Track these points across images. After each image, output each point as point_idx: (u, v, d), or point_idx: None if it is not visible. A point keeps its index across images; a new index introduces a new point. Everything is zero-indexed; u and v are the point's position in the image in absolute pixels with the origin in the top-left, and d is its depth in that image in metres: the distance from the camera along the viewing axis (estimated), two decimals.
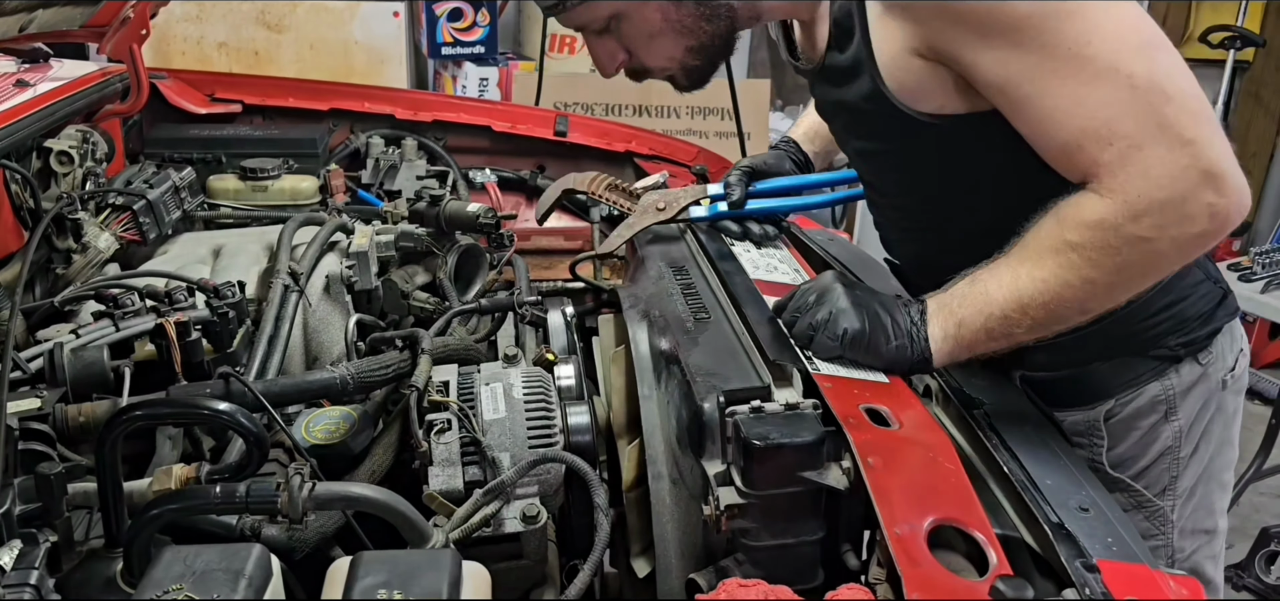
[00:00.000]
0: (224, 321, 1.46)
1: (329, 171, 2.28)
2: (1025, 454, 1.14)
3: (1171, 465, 1.41)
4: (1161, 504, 1.42)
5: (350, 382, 1.34)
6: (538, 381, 1.29)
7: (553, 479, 1.23)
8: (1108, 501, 1.08)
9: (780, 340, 1.30)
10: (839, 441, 1.10)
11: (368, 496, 1.10)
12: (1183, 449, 1.41)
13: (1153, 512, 1.42)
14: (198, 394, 1.30)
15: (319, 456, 1.28)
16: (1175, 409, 1.39)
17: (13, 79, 2.04)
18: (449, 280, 1.84)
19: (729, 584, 0.98)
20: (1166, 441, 1.40)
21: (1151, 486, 1.42)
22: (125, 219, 1.87)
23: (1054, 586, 0.96)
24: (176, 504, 1.07)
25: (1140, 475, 1.42)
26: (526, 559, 1.22)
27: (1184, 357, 1.38)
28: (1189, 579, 0.96)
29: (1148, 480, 1.42)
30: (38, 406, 1.26)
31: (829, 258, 1.76)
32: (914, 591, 0.88)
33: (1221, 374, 1.41)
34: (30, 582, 0.96)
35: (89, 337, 1.41)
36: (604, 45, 1.35)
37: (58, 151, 1.94)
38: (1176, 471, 1.42)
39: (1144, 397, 1.38)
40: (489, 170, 2.50)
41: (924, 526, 0.96)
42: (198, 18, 3.93)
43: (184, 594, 0.84)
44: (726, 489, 1.10)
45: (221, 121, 2.48)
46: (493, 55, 4.18)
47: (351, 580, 0.87)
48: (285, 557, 1.12)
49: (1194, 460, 1.42)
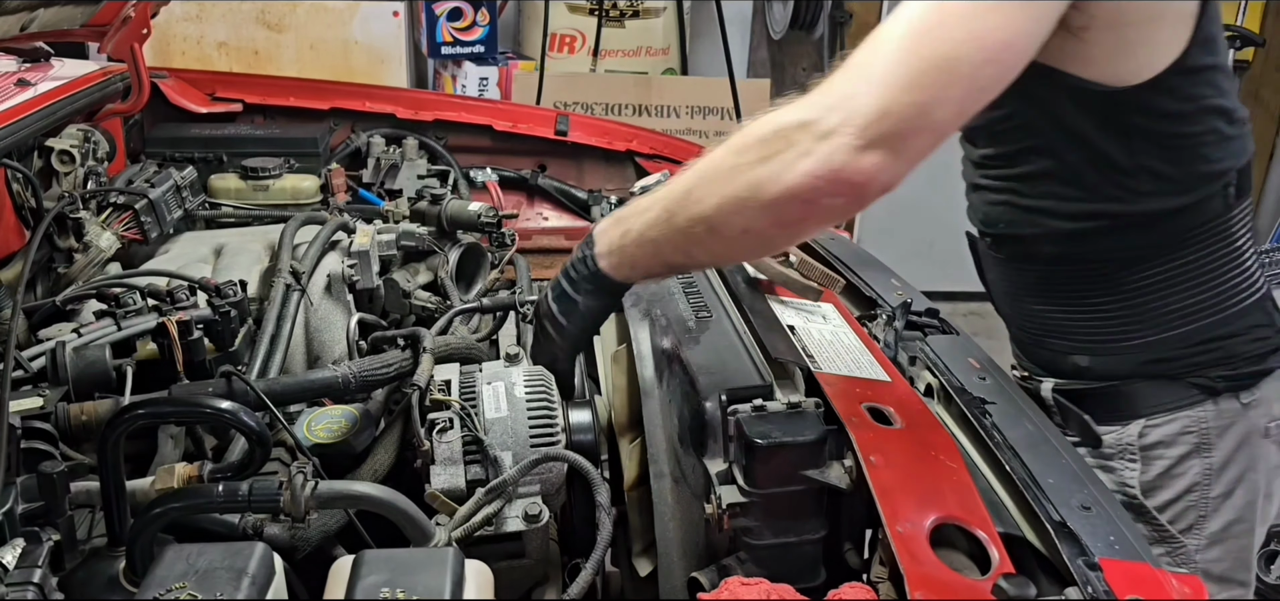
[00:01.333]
0: (226, 320, 1.46)
1: (330, 171, 2.29)
2: (1027, 452, 1.15)
3: (1199, 503, 1.37)
4: (1185, 542, 1.38)
5: (352, 381, 1.34)
6: (540, 380, 1.29)
7: (555, 478, 1.23)
8: (1110, 500, 1.08)
9: (782, 339, 1.30)
10: (841, 440, 1.10)
11: (370, 495, 1.10)
12: (1214, 488, 1.36)
13: (1175, 549, 1.39)
14: (200, 393, 1.30)
15: (321, 455, 1.28)
16: (1209, 445, 1.35)
17: (14, 78, 2.05)
18: (450, 279, 1.84)
19: (731, 582, 0.98)
20: (1194, 477, 1.36)
21: (1176, 521, 1.38)
22: (127, 218, 1.88)
23: (1056, 585, 0.96)
24: (179, 502, 1.07)
25: (1165, 507, 1.38)
26: (528, 557, 1.22)
27: (1223, 391, 1.34)
28: (1191, 577, 0.96)
29: (1172, 514, 1.38)
30: (40, 405, 1.26)
31: (830, 256, 1.76)
32: (916, 590, 0.88)
33: (1265, 421, 1.36)
34: (33, 581, 0.96)
35: (91, 336, 1.41)
36: None
37: (59, 151, 1.94)
38: (1205, 510, 1.37)
39: (1175, 425, 1.35)
40: (490, 169, 2.51)
41: (926, 524, 0.96)
42: (198, 17, 3.93)
43: (187, 592, 0.84)
44: (728, 487, 1.10)
45: (222, 121, 2.48)
46: (493, 55, 4.18)
47: (354, 579, 0.87)
48: (288, 556, 1.12)
49: (1227, 505, 1.37)
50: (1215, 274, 1.31)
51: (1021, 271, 1.43)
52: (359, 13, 4.03)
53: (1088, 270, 1.34)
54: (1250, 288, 1.33)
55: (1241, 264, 1.32)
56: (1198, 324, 1.31)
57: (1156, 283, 1.30)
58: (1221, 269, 1.31)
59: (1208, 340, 1.33)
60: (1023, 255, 1.43)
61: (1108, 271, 1.32)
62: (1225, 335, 1.33)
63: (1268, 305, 1.36)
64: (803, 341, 1.35)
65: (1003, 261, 1.48)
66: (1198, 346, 1.33)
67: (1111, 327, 1.34)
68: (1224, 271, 1.31)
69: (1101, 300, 1.33)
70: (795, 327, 1.39)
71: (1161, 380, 1.35)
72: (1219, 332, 1.32)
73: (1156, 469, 1.37)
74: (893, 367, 1.33)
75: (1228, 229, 1.30)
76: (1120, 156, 1.26)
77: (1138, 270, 1.30)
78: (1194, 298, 1.31)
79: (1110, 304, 1.33)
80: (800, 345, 1.33)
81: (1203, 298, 1.31)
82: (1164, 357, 1.33)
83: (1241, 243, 1.32)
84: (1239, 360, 1.34)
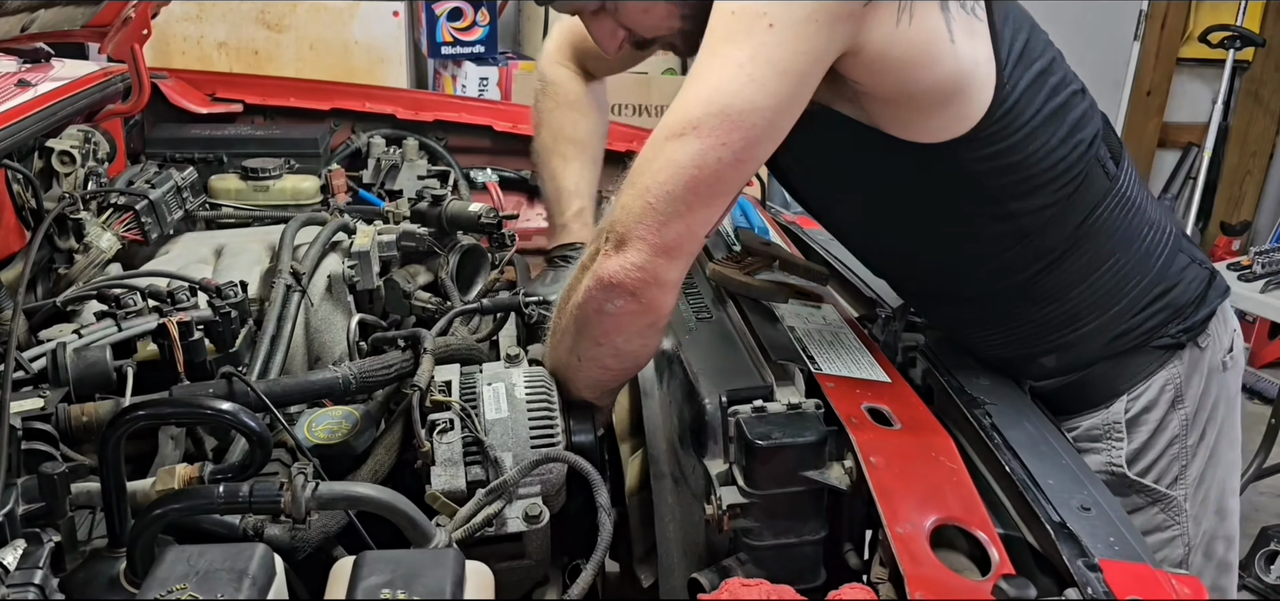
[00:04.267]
0: (226, 321, 1.46)
1: (330, 171, 2.28)
2: (1027, 453, 1.15)
3: (1181, 453, 1.41)
4: (1174, 494, 1.42)
5: (352, 382, 1.34)
6: (540, 381, 1.29)
7: (555, 478, 1.23)
8: (1110, 500, 1.09)
9: (783, 340, 1.30)
10: (841, 441, 1.11)
11: (370, 496, 1.10)
12: (1190, 435, 1.41)
13: (1167, 504, 1.42)
14: (200, 393, 1.30)
15: (321, 456, 1.28)
16: (1182, 396, 1.39)
17: (14, 79, 2.04)
18: (451, 280, 1.84)
19: (731, 583, 0.98)
20: (1175, 429, 1.40)
21: (1163, 478, 1.42)
22: (127, 219, 1.87)
23: (1056, 585, 0.96)
24: (180, 503, 1.07)
25: (1151, 467, 1.41)
26: (529, 558, 1.22)
27: (1186, 344, 1.38)
28: (1191, 578, 0.96)
29: (1158, 472, 1.42)
30: (41, 406, 1.26)
31: (830, 257, 1.76)
32: (916, 590, 0.89)
33: (1220, 355, 1.42)
34: (34, 582, 0.96)
35: (92, 337, 1.41)
36: (602, 24, 1.35)
37: (59, 151, 1.94)
38: (1186, 459, 1.42)
39: (1153, 388, 1.39)
40: (490, 170, 2.51)
41: (926, 525, 0.97)
42: (198, 17, 3.93)
43: (187, 593, 0.84)
44: (729, 488, 1.11)
45: (223, 121, 2.48)
46: (493, 55, 4.18)
47: (355, 579, 0.88)
48: (288, 557, 1.12)
49: (1202, 446, 1.43)
50: (1129, 239, 1.33)
51: (959, 313, 1.44)
52: (359, 13, 4.03)
53: (1015, 291, 1.35)
54: (1163, 236, 1.37)
55: (1146, 217, 1.35)
56: (1134, 291, 1.34)
57: (1081, 270, 1.32)
58: (1132, 231, 1.34)
59: (1151, 302, 1.36)
60: (951, 302, 1.44)
61: (1033, 284, 1.33)
62: (1163, 290, 1.36)
63: (1182, 242, 1.40)
64: (803, 342, 1.35)
65: (936, 313, 1.50)
66: (1145, 311, 1.36)
67: (1062, 327, 1.36)
68: (1136, 232, 1.34)
69: (1041, 309, 1.35)
70: (795, 328, 1.40)
71: (1127, 354, 1.38)
72: (1157, 289, 1.36)
73: (1142, 435, 1.40)
74: (893, 368, 1.33)
75: (1122, 194, 1.32)
76: (971, 198, 1.27)
77: (1059, 269, 1.32)
78: (1121, 269, 1.33)
79: (1050, 309, 1.35)
80: (800, 346, 1.33)
81: (1127, 265, 1.34)
82: (1120, 333, 1.36)
83: (1138, 200, 1.35)
84: (1187, 308, 1.38)
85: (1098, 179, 1.30)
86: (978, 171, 1.22)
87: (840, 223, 1.51)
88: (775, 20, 1.05)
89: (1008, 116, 1.20)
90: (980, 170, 1.22)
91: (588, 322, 1.20)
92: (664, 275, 1.14)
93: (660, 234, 1.11)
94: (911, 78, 1.14)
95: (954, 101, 1.17)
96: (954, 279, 1.39)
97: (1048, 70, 1.24)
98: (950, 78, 1.15)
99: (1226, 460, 1.48)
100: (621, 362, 1.25)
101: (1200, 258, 1.44)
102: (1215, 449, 1.45)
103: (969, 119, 1.18)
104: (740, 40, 1.06)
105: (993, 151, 1.21)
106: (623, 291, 1.14)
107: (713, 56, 1.08)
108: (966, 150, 1.20)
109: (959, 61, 1.14)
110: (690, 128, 1.08)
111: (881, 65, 1.12)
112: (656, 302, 1.16)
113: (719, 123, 1.06)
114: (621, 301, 1.15)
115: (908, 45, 1.11)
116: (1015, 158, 1.22)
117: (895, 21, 1.09)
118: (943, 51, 1.13)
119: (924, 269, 1.44)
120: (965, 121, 1.18)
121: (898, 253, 1.45)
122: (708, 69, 1.08)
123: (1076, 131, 1.26)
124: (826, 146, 1.27)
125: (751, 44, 1.05)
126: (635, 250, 1.12)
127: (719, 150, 1.07)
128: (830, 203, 1.47)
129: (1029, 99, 1.21)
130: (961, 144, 1.19)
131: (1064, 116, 1.25)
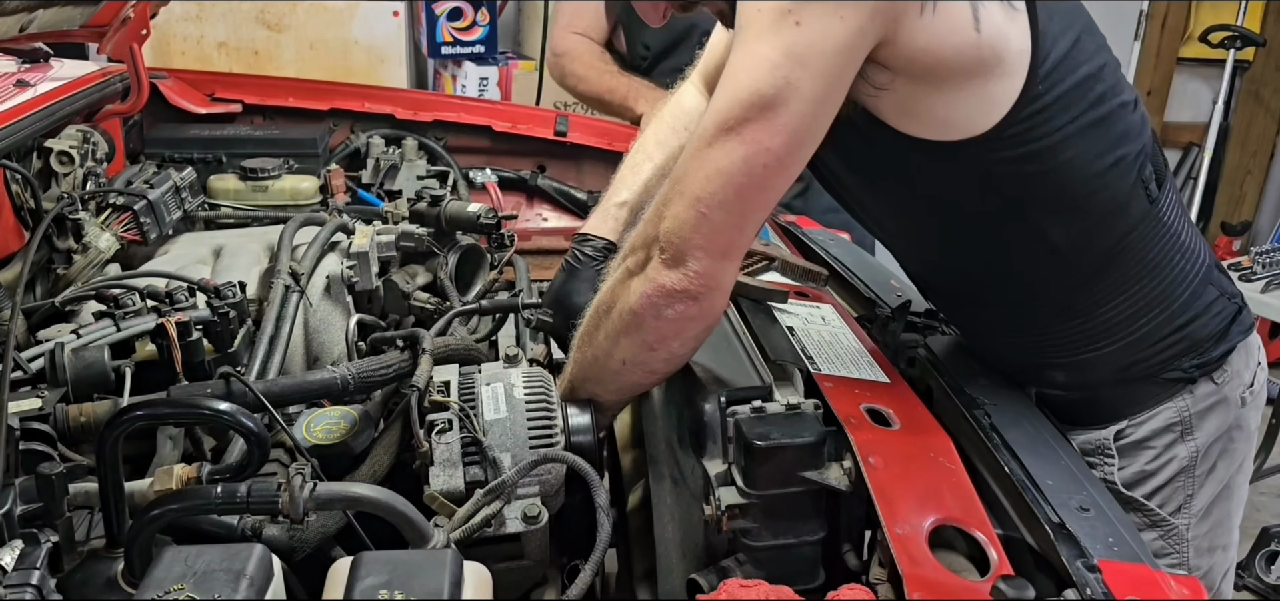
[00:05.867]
0: (225, 321, 1.46)
1: (329, 171, 2.28)
2: (1026, 454, 1.15)
3: (1187, 484, 1.38)
4: (1176, 523, 1.40)
5: (351, 383, 1.34)
6: (539, 382, 1.29)
7: (554, 479, 1.22)
8: (1108, 501, 1.08)
9: (781, 340, 1.30)
10: (840, 441, 1.11)
11: (369, 496, 1.10)
12: (1198, 468, 1.38)
13: (1167, 531, 1.40)
14: (199, 394, 1.30)
15: (320, 456, 1.28)
16: (1191, 429, 1.36)
17: (13, 79, 2.04)
18: (450, 280, 1.84)
19: (730, 584, 0.98)
20: (1182, 462, 1.37)
21: (1166, 505, 1.39)
22: (126, 219, 1.87)
23: (1055, 586, 0.96)
24: (177, 504, 1.07)
25: (1154, 494, 1.39)
26: (527, 559, 1.22)
27: (1198, 378, 1.35)
28: (1190, 579, 0.96)
29: (1161, 498, 1.39)
30: (39, 406, 1.26)
31: (829, 257, 1.76)
32: (915, 591, 0.88)
33: (1239, 391, 1.38)
34: (31, 582, 0.96)
35: (90, 338, 1.41)
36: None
37: (58, 151, 1.94)
38: (1192, 490, 1.39)
39: (1158, 419, 1.36)
40: (489, 170, 2.50)
41: (925, 526, 0.96)
42: (197, 17, 3.93)
43: (185, 594, 0.84)
44: (728, 489, 1.11)
45: (222, 121, 2.48)
46: (492, 55, 4.18)
47: (352, 580, 0.87)
48: (286, 558, 1.12)
49: (1211, 479, 1.39)
50: (1159, 266, 1.30)
51: (979, 316, 1.43)
52: (359, 13, 4.03)
53: (1038, 303, 1.34)
54: (1195, 265, 1.33)
55: (1181, 246, 1.32)
56: (1156, 320, 1.31)
57: (1106, 291, 1.30)
58: (1164, 258, 1.30)
59: (1170, 334, 1.33)
60: (973, 304, 1.43)
61: (1057, 299, 1.32)
62: (1186, 321, 1.33)
63: (1213, 273, 1.36)
64: (802, 343, 1.35)
65: (956, 313, 1.49)
66: (1162, 341, 1.33)
67: (1078, 345, 1.34)
68: (1167, 259, 1.31)
69: (1061, 324, 1.33)
70: (794, 329, 1.40)
71: (1137, 382, 1.35)
72: (1180, 321, 1.33)
73: (1143, 460, 1.38)
74: (892, 369, 1.33)
75: (1160, 219, 1.29)
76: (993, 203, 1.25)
77: (1085, 288, 1.30)
78: (1146, 295, 1.30)
79: (1071, 325, 1.33)
80: (799, 346, 1.33)
81: (1153, 292, 1.30)
82: (1134, 360, 1.33)
83: (1176, 226, 1.31)
84: (1205, 343, 1.34)
85: (1138, 201, 1.26)
86: (998, 174, 1.20)
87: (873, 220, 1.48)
88: (801, 17, 1.04)
89: (1036, 118, 1.16)
90: (1001, 173, 1.20)
91: (642, 328, 1.20)
92: (724, 280, 1.16)
93: (717, 240, 1.13)
94: (931, 69, 1.13)
95: (974, 95, 1.15)
96: (979, 284, 1.37)
97: (1094, 77, 1.20)
98: (971, 65, 1.13)
99: (1239, 495, 1.45)
100: (670, 367, 1.26)
101: (1231, 290, 1.39)
102: (1229, 483, 1.41)
103: (991, 116, 1.16)
104: (770, 39, 1.05)
105: (1016, 155, 1.18)
106: (686, 297, 1.15)
107: (746, 55, 1.08)
108: (987, 150, 1.17)
109: (981, 51, 1.12)
110: (731, 132, 1.08)
111: (906, 56, 1.11)
112: (717, 307, 1.19)
113: (760, 126, 1.07)
114: (682, 306, 1.16)
115: (930, 34, 1.10)
116: (1043, 165, 1.19)
117: (919, 11, 1.08)
118: (965, 40, 1.11)
119: (951, 269, 1.41)
120: (987, 119, 1.16)
121: (928, 253, 1.43)
122: (742, 68, 1.08)
123: (1118, 146, 1.22)
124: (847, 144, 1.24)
125: (782, 43, 1.05)
126: (695, 260, 1.13)
127: (764, 155, 1.08)
128: (860, 197, 1.43)
129: (1065, 105, 1.17)
130: (981, 143, 1.17)
131: (1106, 129, 1.21)
